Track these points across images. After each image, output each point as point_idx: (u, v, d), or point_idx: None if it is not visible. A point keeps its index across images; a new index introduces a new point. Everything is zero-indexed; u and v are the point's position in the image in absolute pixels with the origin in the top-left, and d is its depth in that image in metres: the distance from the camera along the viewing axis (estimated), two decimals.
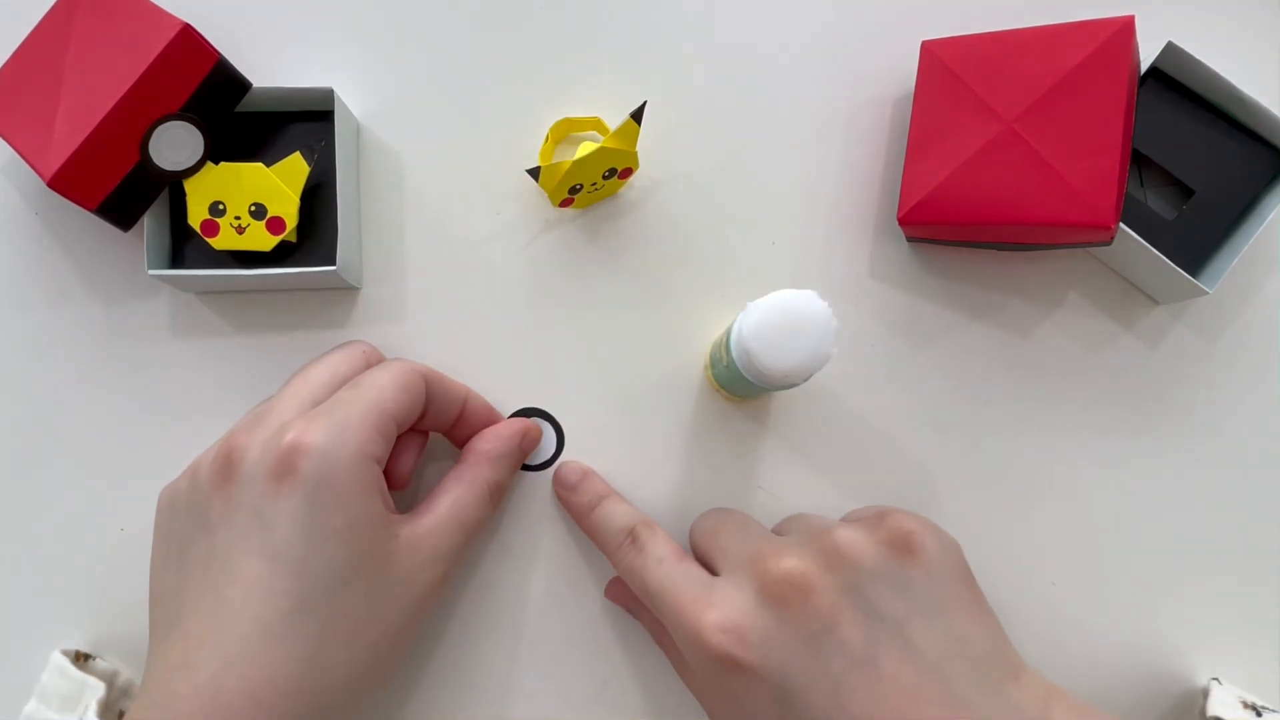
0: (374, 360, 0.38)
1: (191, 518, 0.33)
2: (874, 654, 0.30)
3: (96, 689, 0.37)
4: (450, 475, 0.37)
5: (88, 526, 0.40)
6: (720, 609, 0.31)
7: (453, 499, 0.36)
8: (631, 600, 0.39)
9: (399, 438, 0.36)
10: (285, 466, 0.31)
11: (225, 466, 0.32)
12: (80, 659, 0.38)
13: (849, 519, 0.35)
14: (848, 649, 0.30)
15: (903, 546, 0.31)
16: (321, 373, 0.35)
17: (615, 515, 0.37)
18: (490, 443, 0.38)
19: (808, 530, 0.34)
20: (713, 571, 0.34)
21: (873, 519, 0.33)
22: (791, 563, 0.31)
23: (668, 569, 0.34)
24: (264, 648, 0.30)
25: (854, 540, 0.32)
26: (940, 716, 0.29)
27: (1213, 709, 0.35)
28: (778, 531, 0.36)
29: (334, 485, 0.31)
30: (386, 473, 0.36)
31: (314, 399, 0.34)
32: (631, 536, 0.36)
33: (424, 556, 0.34)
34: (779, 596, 0.31)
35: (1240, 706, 0.35)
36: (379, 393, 0.34)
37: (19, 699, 0.37)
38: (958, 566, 0.32)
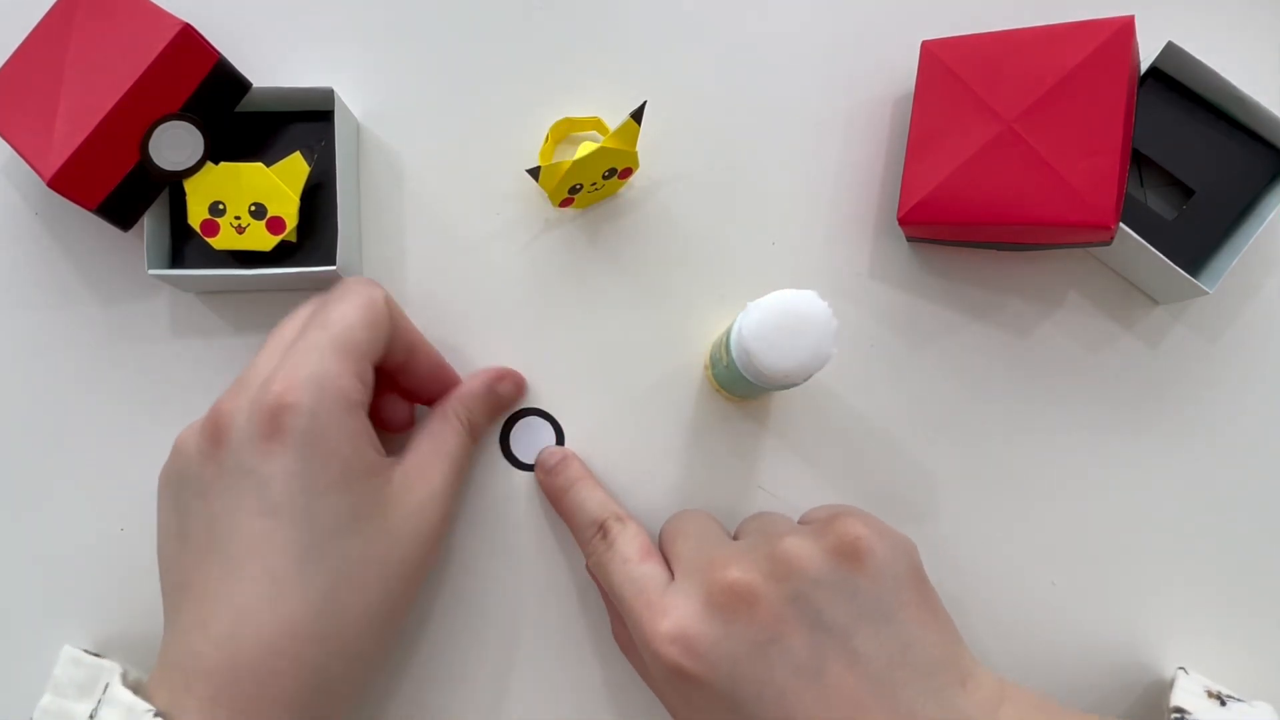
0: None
1: (187, 487, 0.33)
2: (819, 663, 0.30)
3: (114, 669, 0.36)
4: (426, 415, 0.38)
5: (87, 526, 0.40)
6: (671, 617, 0.31)
7: (430, 434, 0.37)
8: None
9: (389, 387, 0.37)
10: (273, 426, 0.31)
11: (214, 432, 0.32)
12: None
13: (804, 520, 0.35)
14: (792, 658, 0.30)
15: (850, 554, 0.31)
16: (294, 327, 0.35)
17: (588, 503, 0.37)
18: (464, 384, 0.39)
19: (760, 535, 0.34)
20: (673, 574, 0.34)
21: (822, 523, 0.33)
22: (736, 573, 0.31)
23: (630, 569, 0.34)
24: (277, 597, 0.30)
25: (800, 548, 0.31)
26: None
27: (1175, 698, 0.35)
28: (737, 533, 0.36)
29: (323, 438, 0.32)
30: (387, 418, 0.38)
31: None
32: (602, 530, 0.36)
33: (420, 495, 0.35)
34: (725, 606, 0.31)
35: (1205, 695, 0.35)
36: (348, 331, 0.33)
37: (20, 700, 0.37)
38: (908, 570, 0.32)
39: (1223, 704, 0.34)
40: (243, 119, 0.40)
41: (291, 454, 0.31)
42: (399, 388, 0.39)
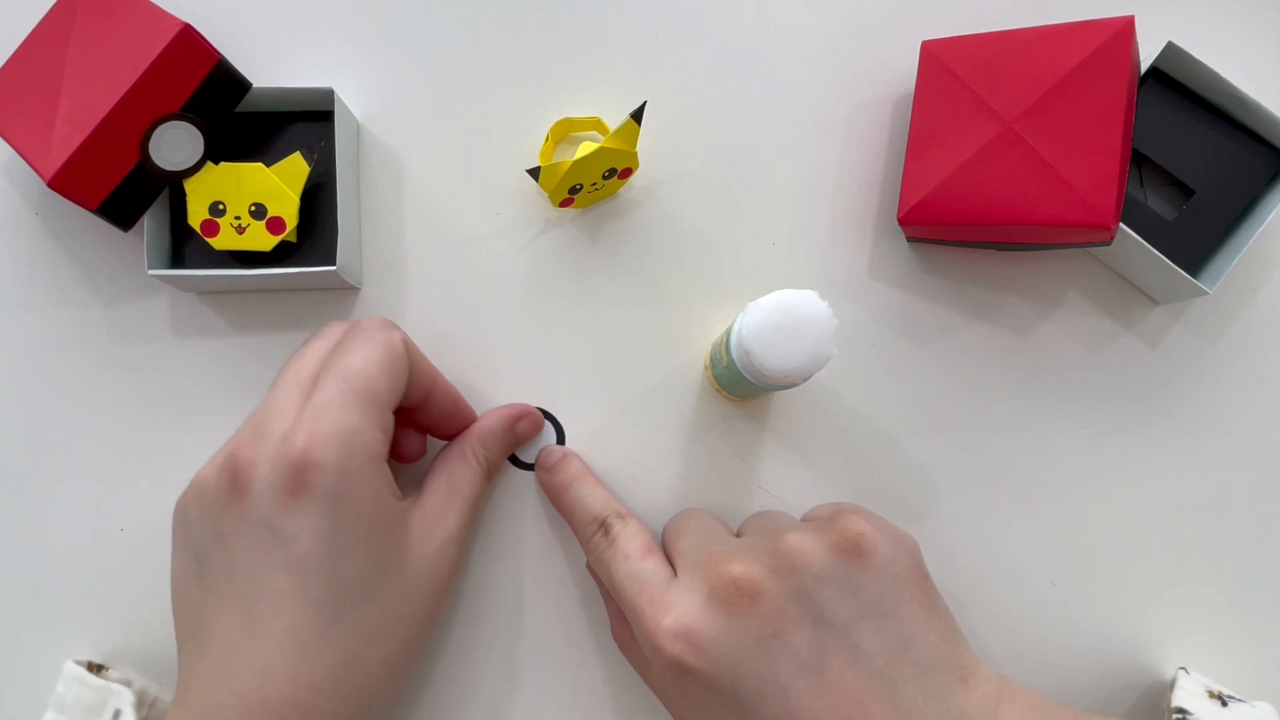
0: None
1: (206, 530, 0.33)
2: (820, 659, 0.30)
3: (122, 694, 0.36)
4: (441, 453, 0.38)
5: (87, 526, 0.40)
6: (674, 613, 0.31)
7: (448, 474, 0.37)
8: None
9: (405, 422, 0.37)
10: (298, 483, 0.31)
11: (234, 482, 0.32)
12: (94, 669, 0.38)
13: (807, 518, 0.36)
14: (795, 653, 0.30)
15: (853, 550, 0.31)
16: (311, 365, 0.35)
17: (589, 500, 0.37)
18: (483, 421, 0.39)
19: (763, 532, 0.34)
20: (675, 571, 0.34)
21: (826, 520, 0.33)
22: (739, 568, 0.31)
23: (632, 565, 0.34)
24: (304, 656, 0.30)
25: (803, 544, 0.31)
26: None
27: (1177, 699, 0.35)
28: (740, 531, 0.36)
29: (350, 496, 0.31)
30: (401, 451, 0.37)
31: (308, 396, 0.34)
32: (604, 527, 0.36)
33: (438, 542, 0.35)
34: (727, 600, 0.31)
35: (1206, 696, 0.35)
36: (370, 382, 0.33)
37: (20, 701, 0.37)
38: (910, 568, 0.32)
39: (1224, 704, 0.34)
40: (243, 119, 0.40)
41: (318, 513, 0.31)
42: (414, 423, 0.38)
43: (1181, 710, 0.34)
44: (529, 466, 0.40)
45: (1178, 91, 0.41)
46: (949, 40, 0.40)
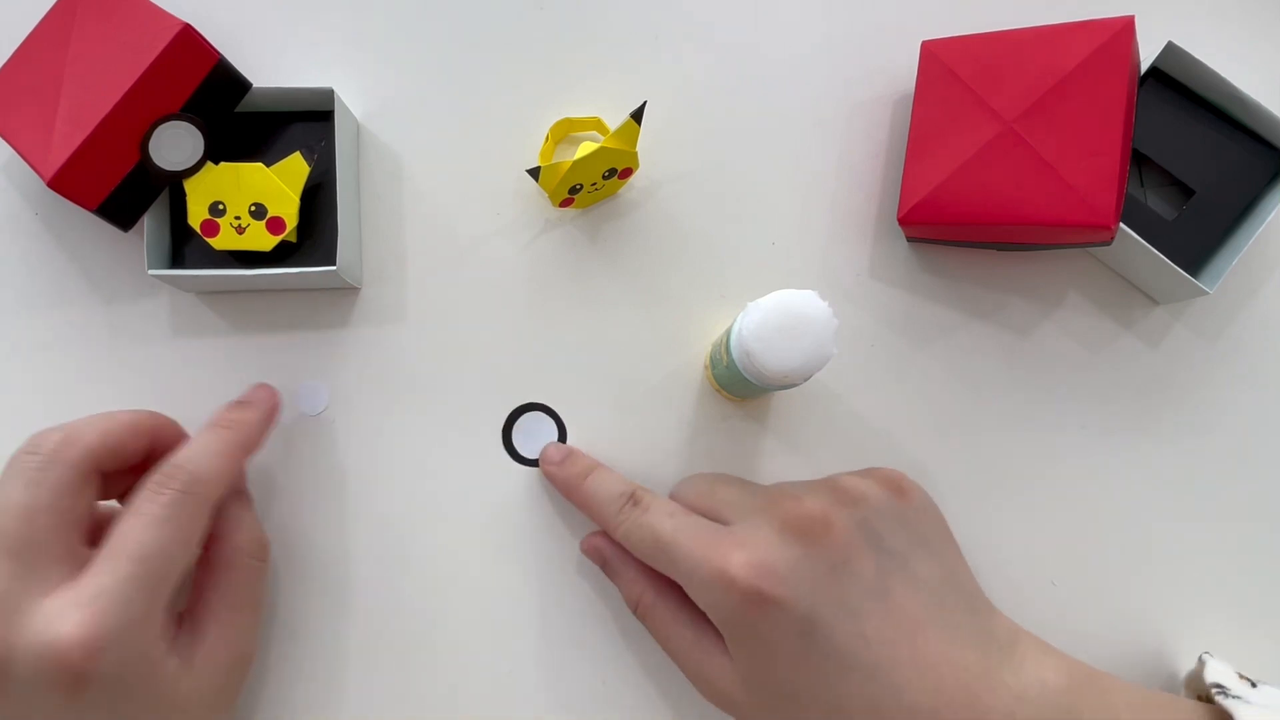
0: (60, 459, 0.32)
1: None
2: (885, 584, 0.33)
3: None
4: (213, 588, 0.35)
5: None
6: (747, 548, 0.33)
7: (224, 632, 0.34)
8: (615, 557, 0.38)
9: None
10: (72, 689, 0.29)
11: None
12: None
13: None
14: (863, 580, 0.32)
15: (899, 489, 0.35)
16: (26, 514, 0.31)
17: (610, 482, 0.37)
18: (228, 514, 0.36)
19: (801, 483, 0.36)
20: (719, 521, 0.35)
21: (860, 470, 0.36)
22: (811, 502, 0.34)
23: (680, 520, 0.35)
24: None
25: (858, 482, 0.35)
26: (940, 640, 0.32)
27: (1212, 676, 0.35)
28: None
29: (131, 691, 0.30)
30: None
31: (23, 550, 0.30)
32: (632, 499, 0.36)
33: (223, 674, 0.34)
34: (802, 531, 0.33)
35: (1237, 677, 0.35)
36: (164, 562, 0.31)
37: None
38: (938, 512, 0.36)
39: (1253, 685, 0.35)
40: (243, 119, 0.40)
41: (102, 711, 0.30)
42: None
43: (1219, 686, 0.34)
44: (531, 463, 0.40)
45: (1178, 91, 0.41)
46: (949, 40, 0.40)
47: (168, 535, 0.31)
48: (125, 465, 0.34)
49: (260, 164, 0.38)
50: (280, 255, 0.39)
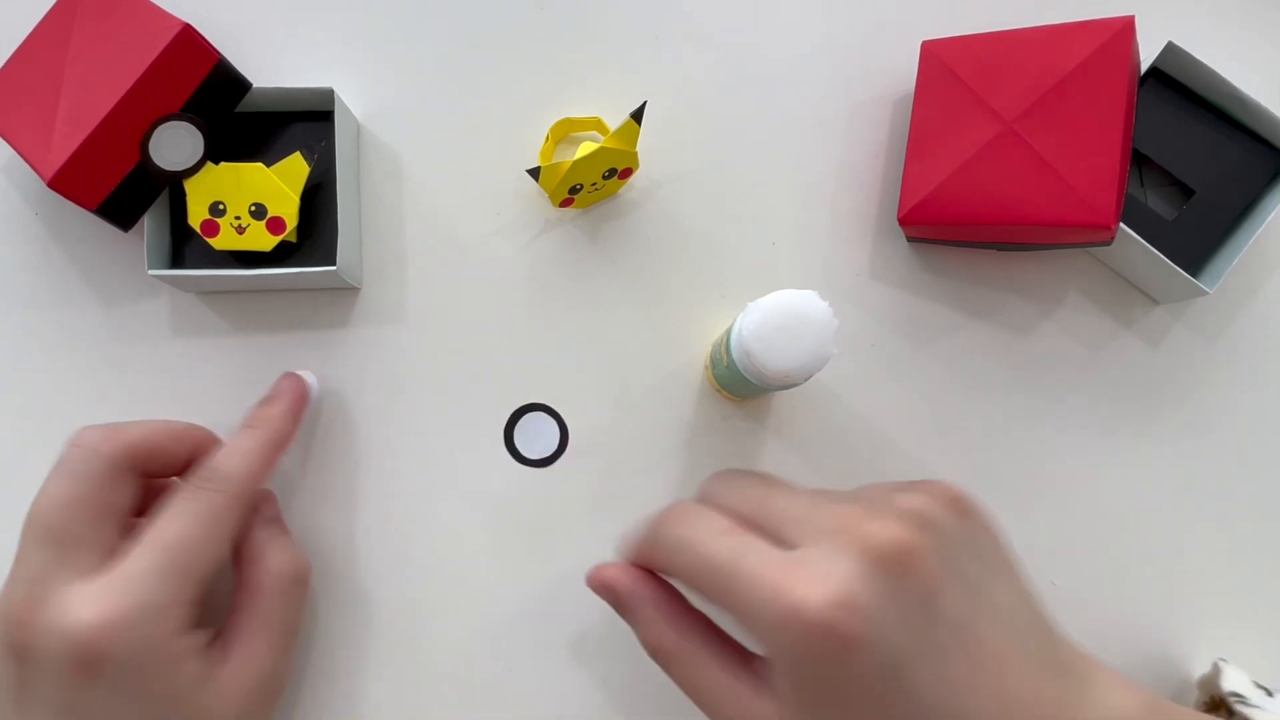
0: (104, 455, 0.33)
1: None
2: (971, 618, 0.29)
3: None
4: (244, 609, 0.35)
5: None
6: (827, 583, 0.27)
7: (250, 651, 0.34)
8: (629, 594, 0.34)
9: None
10: (87, 672, 0.29)
11: (19, 651, 0.30)
12: None
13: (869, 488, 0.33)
14: (948, 616, 0.28)
15: (962, 509, 0.30)
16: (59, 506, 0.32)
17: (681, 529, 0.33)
18: (256, 537, 0.36)
19: (855, 498, 0.31)
20: (777, 540, 0.30)
21: (909, 485, 0.31)
22: (895, 529, 0.29)
23: (734, 541, 0.30)
24: None
25: (925, 504, 0.30)
26: (1019, 676, 0.29)
27: (1229, 685, 0.35)
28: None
29: (147, 681, 0.30)
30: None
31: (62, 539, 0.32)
32: (670, 512, 0.33)
33: (246, 691, 0.34)
34: (889, 562, 0.28)
35: (1253, 685, 0.35)
36: (193, 555, 0.32)
37: None
38: (999, 528, 0.32)
39: (1270, 694, 0.35)
40: (243, 119, 0.40)
41: (112, 696, 0.30)
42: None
43: (1237, 695, 0.34)
44: (533, 463, 0.40)
45: (1178, 91, 0.41)
46: (949, 40, 0.40)
47: (194, 527, 0.32)
48: (166, 470, 0.35)
49: (260, 164, 0.38)
50: (280, 255, 0.39)
